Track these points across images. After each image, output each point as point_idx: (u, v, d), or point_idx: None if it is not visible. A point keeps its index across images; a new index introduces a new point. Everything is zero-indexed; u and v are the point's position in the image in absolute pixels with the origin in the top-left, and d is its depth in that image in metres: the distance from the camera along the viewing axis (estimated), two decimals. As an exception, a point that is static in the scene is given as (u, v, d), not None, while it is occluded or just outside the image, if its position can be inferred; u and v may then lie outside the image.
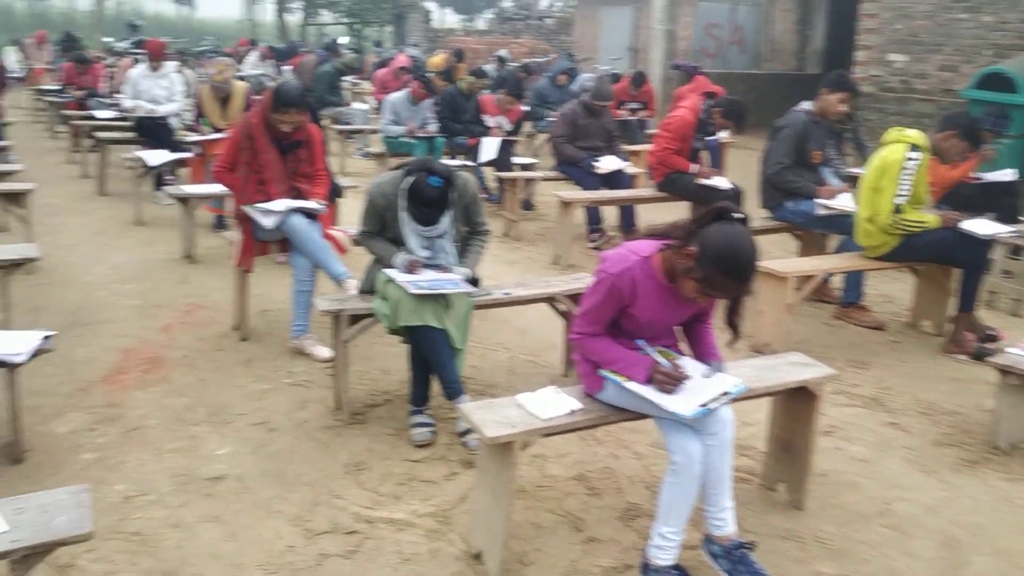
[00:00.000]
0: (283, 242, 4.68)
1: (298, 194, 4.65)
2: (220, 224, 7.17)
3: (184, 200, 6.07)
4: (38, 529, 2.09)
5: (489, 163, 8.29)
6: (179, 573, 2.74)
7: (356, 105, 11.77)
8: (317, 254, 4.46)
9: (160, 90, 8.19)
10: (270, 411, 3.91)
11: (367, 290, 3.95)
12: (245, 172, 4.55)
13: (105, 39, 22.45)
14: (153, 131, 8.02)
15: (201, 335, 4.81)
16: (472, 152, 8.56)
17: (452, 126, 9.09)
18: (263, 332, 4.90)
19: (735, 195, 6.49)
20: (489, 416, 2.68)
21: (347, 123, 11.07)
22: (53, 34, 20.36)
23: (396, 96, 8.94)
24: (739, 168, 9.32)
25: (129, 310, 5.15)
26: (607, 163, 7.04)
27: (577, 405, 2.80)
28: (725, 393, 2.64)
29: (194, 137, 7.13)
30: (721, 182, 6.52)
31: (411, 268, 3.67)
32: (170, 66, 8.31)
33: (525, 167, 8.43)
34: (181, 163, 7.44)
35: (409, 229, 3.71)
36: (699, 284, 2.50)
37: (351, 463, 3.47)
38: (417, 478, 3.38)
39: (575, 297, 4.19)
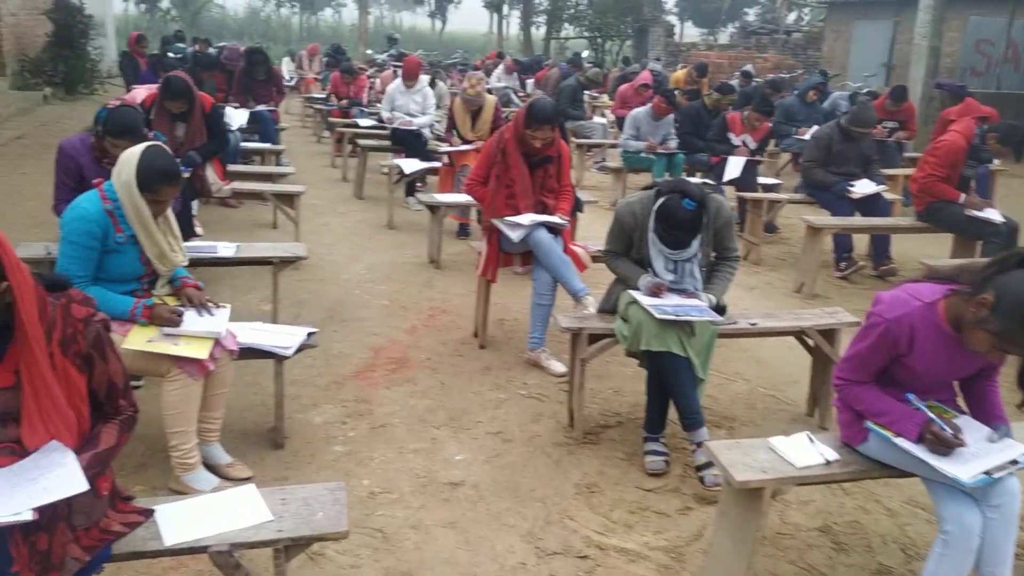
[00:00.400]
0: (526, 255, 4.76)
1: (544, 208, 4.71)
2: (463, 232, 7.45)
3: (433, 208, 6.35)
4: (300, 522, 2.22)
5: (731, 182, 8.02)
6: (416, 575, 2.83)
7: (596, 119, 11.85)
8: (559, 269, 4.49)
9: (414, 104, 8.66)
10: (505, 421, 3.97)
11: (607, 310, 3.92)
12: (495, 185, 4.68)
13: (368, 51, 24.19)
14: (407, 141, 8.49)
15: (443, 339, 4.99)
16: (714, 170, 8.33)
17: (693, 142, 8.91)
18: (500, 341, 5.01)
19: (1010, 230, 5.86)
20: (739, 458, 2.55)
21: (587, 137, 11.17)
22: (323, 46, 22.36)
23: (638, 111, 8.90)
24: (1010, 199, 8.42)
25: (379, 309, 5.45)
26: (862, 187, 6.59)
27: (834, 455, 2.59)
28: (1014, 462, 2.34)
29: (445, 148, 7.46)
30: (993, 215, 5.92)
31: (656, 291, 3.59)
32: (423, 80, 8.76)
33: (769, 188, 8.08)
34: (431, 171, 7.80)
35: (656, 251, 3.63)
36: (993, 338, 2.23)
37: (583, 484, 3.44)
38: (650, 508, 3.29)
39: (828, 333, 3.93)
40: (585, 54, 21.50)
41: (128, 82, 10.36)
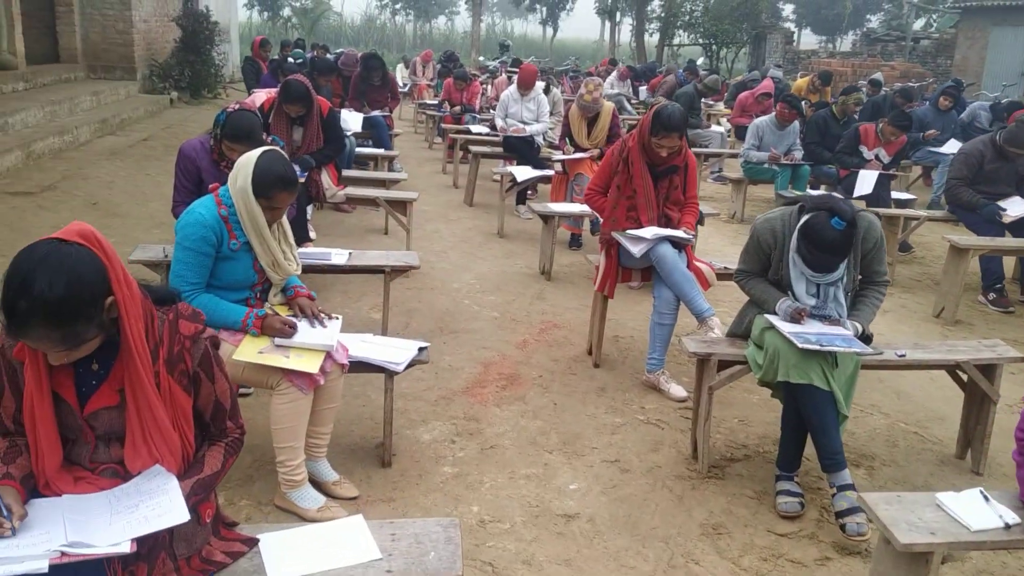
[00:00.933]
0: (646, 270, 4.51)
1: (668, 222, 4.45)
2: (575, 243, 7.24)
3: (546, 217, 6.16)
4: (411, 561, 2.05)
5: (862, 198, 7.54)
6: (530, 617, 2.62)
7: (713, 128, 11.45)
8: (682, 286, 4.22)
9: (528, 112, 8.50)
10: (622, 448, 3.73)
11: (738, 334, 3.63)
12: (616, 196, 4.45)
13: (480, 58, 24.30)
14: (520, 148, 8.34)
15: (555, 355, 4.78)
16: (842, 184, 7.86)
17: (820, 153, 8.45)
18: (615, 360, 4.77)
19: None
20: (901, 515, 2.24)
21: (703, 146, 10.80)
22: (436, 53, 22.56)
23: (762, 120, 8.49)
24: None
25: (489, 322, 5.28)
26: (1015, 208, 6.04)
27: (1014, 518, 2.25)
28: None
29: (558, 156, 7.26)
30: None
31: (796, 317, 3.28)
32: (538, 87, 8.58)
33: (903, 204, 7.56)
34: (543, 180, 7.61)
35: (797, 273, 3.33)
36: None
37: (708, 524, 3.17)
38: (784, 556, 2.99)
39: (987, 369, 3.53)
40: (700, 61, 20.98)
41: (249, 86, 10.58)
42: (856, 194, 7.51)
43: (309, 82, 7.82)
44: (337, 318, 3.25)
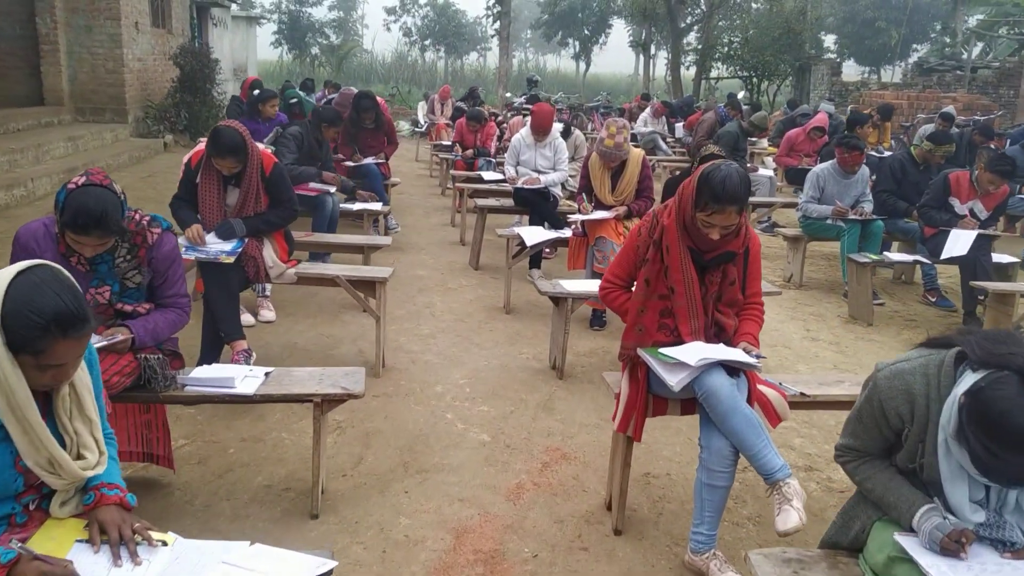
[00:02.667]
0: (688, 401, 3.12)
1: (720, 332, 3.07)
2: (598, 321, 5.87)
3: (557, 300, 4.79)
4: None
5: (952, 260, 6.10)
6: None
7: (761, 171, 10.04)
8: (744, 434, 2.82)
9: (543, 159, 7.18)
10: None
11: (840, 544, 2.23)
12: (644, 294, 3.08)
13: (507, 94, 23.16)
14: (533, 202, 7.01)
15: (560, 512, 3.39)
16: (927, 244, 6.42)
17: (896, 205, 7.01)
18: (646, 518, 3.37)
19: None
20: None
21: (751, 193, 9.38)
22: (461, 89, 21.36)
23: (822, 168, 7.07)
24: None
25: (475, 451, 3.91)
26: None
27: None
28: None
29: (578, 216, 5.91)
30: None
31: (954, 545, 1.88)
32: (556, 131, 7.25)
33: (1005, 271, 6.10)
34: (560, 242, 6.26)
35: (955, 469, 1.93)
36: None
37: None
38: None
39: None
40: (740, 95, 19.61)
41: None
42: (945, 256, 6.07)
43: (302, 132, 6.70)
44: (166, 543, 1.92)
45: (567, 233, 6.13)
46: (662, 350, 2.95)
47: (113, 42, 12.36)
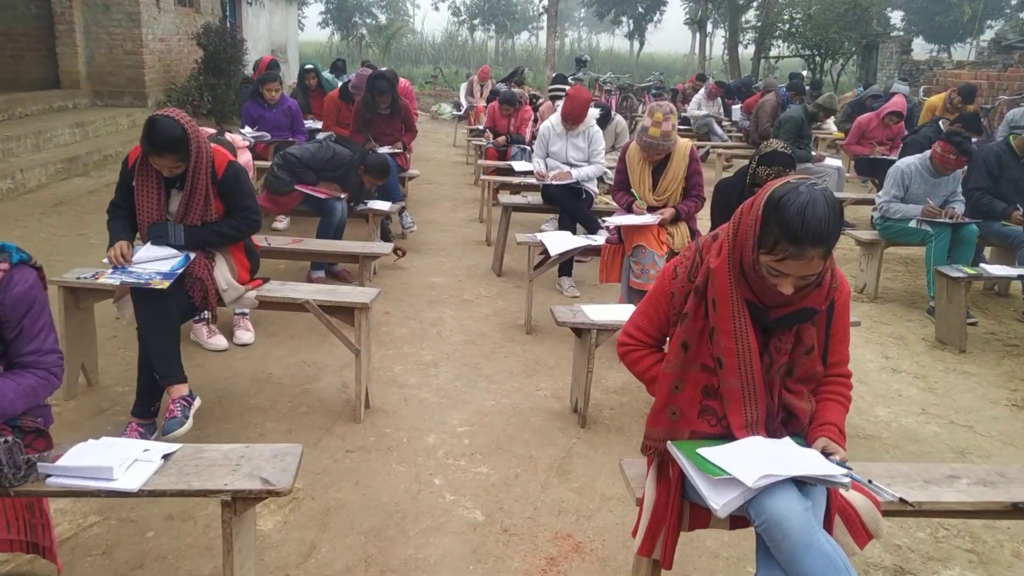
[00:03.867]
0: (738, 516, 2.19)
1: (789, 420, 2.14)
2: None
3: (580, 331, 3.88)
4: None
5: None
6: None
7: (828, 161, 8.91)
8: (820, 572, 1.89)
9: (575, 151, 6.23)
10: None
11: None
12: (680, 364, 2.16)
13: (553, 74, 22.07)
14: (564, 200, 6.08)
15: (564, 643, 2.51)
16: (1035, 255, 5.35)
17: (992, 205, 5.93)
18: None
19: None
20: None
21: (820, 179, 8.30)
22: (499, 69, 20.25)
23: (909, 163, 5.99)
24: None
25: (461, 538, 3.03)
26: None
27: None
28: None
29: (613, 219, 4.96)
30: None
31: None
32: (590, 118, 6.27)
33: None
34: (590, 251, 5.33)
35: None
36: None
37: None
38: None
39: None
40: (804, 75, 18.29)
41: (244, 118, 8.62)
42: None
43: (348, 166, 5.89)
44: None
45: (600, 240, 5.19)
46: (704, 451, 2.04)
47: (132, 21, 11.67)
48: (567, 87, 7.96)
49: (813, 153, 9.06)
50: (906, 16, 42.66)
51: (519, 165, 8.23)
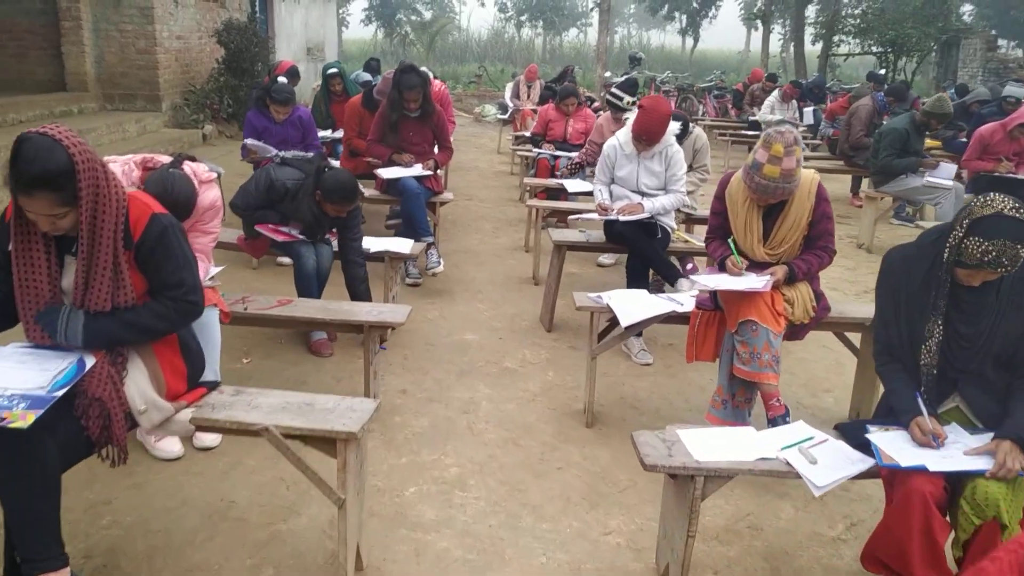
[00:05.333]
0: None
1: None
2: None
3: (675, 474, 2.56)
4: None
5: None
6: None
7: (939, 179, 7.40)
8: None
9: (649, 176, 4.91)
10: None
11: None
12: None
13: (607, 74, 20.70)
14: (634, 240, 4.75)
15: None
16: None
17: None
18: None
19: None
20: None
21: (930, 201, 6.93)
22: (560, 68, 18.74)
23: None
24: None
25: None
26: None
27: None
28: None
29: (707, 280, 3.61)
30: None
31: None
32: (669, 135, 4.92)
33: None
34: (674, 317, 3.98)
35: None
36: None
37: None
38: None
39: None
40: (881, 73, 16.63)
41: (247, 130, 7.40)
42: None
43: (298, 189, 4.53)
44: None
45: (687, 304, 3.86)
46: None
47: (145, 17, 10.60)
48: (628, 95, 6.60)
49: (921, 170, 7.60)
50: (976, 10, 40.37)
51: (573, 184, 6.92)
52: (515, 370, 4.54)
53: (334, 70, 8.08)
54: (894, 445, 2.46)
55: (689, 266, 5.94)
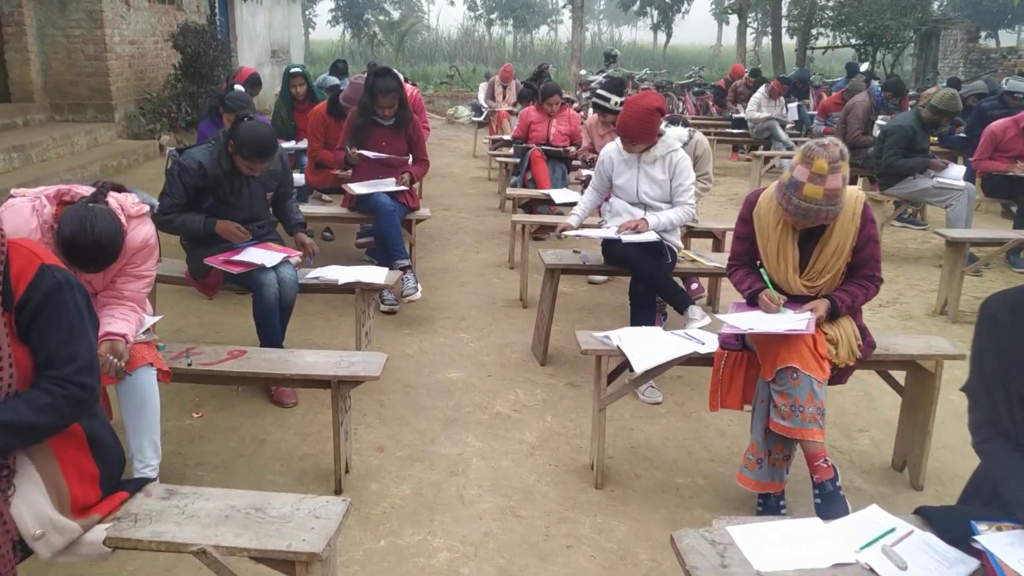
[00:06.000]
0: None
1: None
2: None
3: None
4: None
5: None
6: None
7: (948, 180, 6.92)
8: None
9: (651, 185, 4.36)
10: None
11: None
12: None
13: (581, 71, 20.18)
14: (637, 261, 4.20)
15: None
16: None
17: None
18: None
19: None
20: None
21: (941, 204, 6.49)
22: (531, 66, 18.17)
23: None
24: None
25: None
26: None
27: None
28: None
29: (737, 320, 3.06)
30: None
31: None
32: (670, 138, 4.40)
33: None
34: (698, 359, 3.43)
35: None
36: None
37: None
38: None
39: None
40: (864, 67, 16.26)
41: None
42: None
43: (209, 159, 3.94)
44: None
45: (709, 342, 3.32)
46: None
47: (93, 21, 9.90)
48: (615, 95, 6.03)
49: (934, 157, 7.14)
50: (949, 1, 40.36)
51: (560, 195, 6.38)
52: (508, 416, 3.98)
53: (296, 69, 7.43)
54: (1014, 554, 1.92)
55: (694, 286, 5.41)
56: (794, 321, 2.94)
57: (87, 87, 10.08)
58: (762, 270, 3.15)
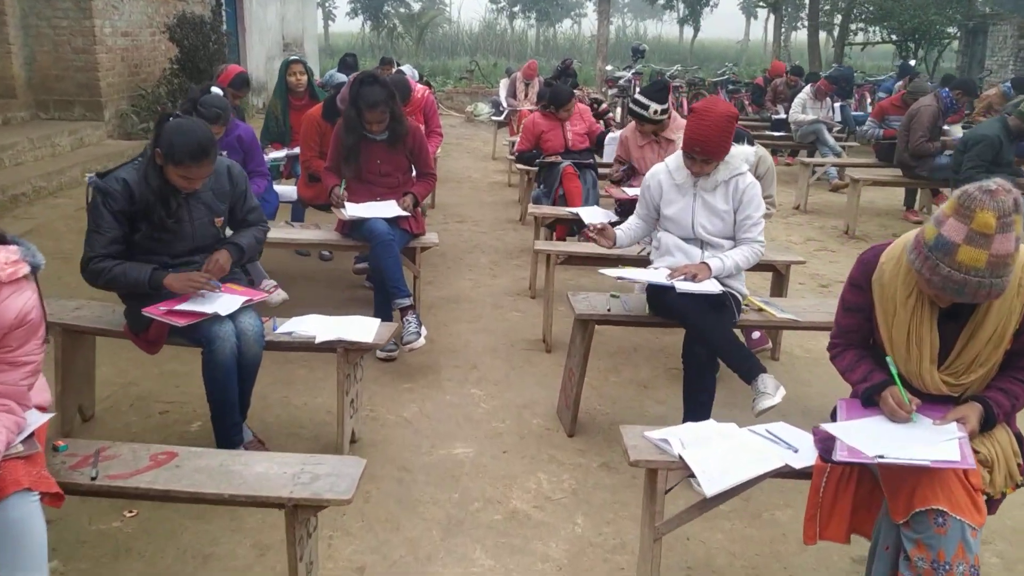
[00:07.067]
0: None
1: None
2: None
3: None
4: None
5: None
6: None
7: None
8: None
9: (709, 217, 3.48)
10: None
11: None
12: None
13: (608, 67, 19.24)
14: (691, 314, 3.31)
15: None
16: None
17: None
18: None
19: None
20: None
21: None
22: (554, 61, 17.27)
23: None
24: None
25: None
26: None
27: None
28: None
29: (848, 435, 2.19)
30: None
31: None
32: (736, 158, 3.51)
33: None
34: (773, 474, 2.55)
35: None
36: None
37: None
38: None
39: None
40: (912, 63, 15.22)
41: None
42: None
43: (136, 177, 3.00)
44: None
45: (806, 454, 2.43)
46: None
47: (81, 11, 9.11)
48: (656, 103, 5.12)
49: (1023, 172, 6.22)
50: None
51: (590, 214, 5.51)
52: (527, 516, 3.11)
53: (295, 57, 6.49)
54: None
55: (755, 335, 4.50)
56: (941, 444, 2.06)
57: (74, 82, 9.30)
58: (889, 360, 2.27)
